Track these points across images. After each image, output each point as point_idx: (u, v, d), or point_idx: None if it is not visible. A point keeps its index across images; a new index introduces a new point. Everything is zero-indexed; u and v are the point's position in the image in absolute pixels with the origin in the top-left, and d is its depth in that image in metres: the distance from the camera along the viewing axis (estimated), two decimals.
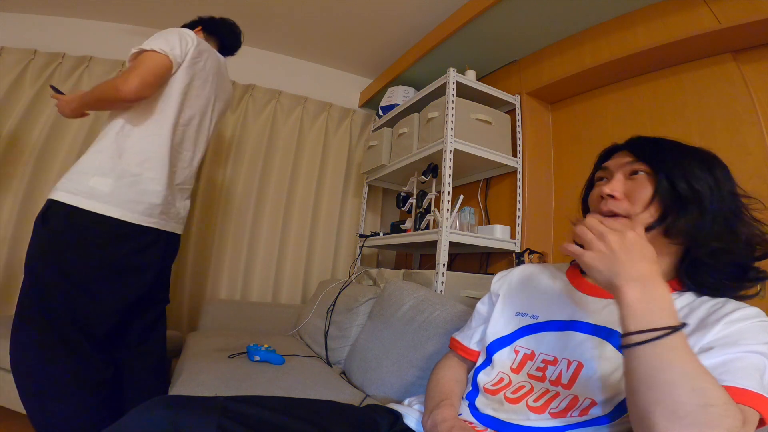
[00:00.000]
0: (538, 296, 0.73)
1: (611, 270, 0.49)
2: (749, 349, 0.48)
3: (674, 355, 0.43)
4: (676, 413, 0.41)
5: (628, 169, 0.64)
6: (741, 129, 1.30)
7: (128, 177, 1.13)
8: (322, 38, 2.38)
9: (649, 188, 0.60)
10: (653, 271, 0.48)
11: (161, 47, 1.17)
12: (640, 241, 0.49)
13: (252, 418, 0.57)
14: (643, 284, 0.47)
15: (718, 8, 1.28)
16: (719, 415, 0.41)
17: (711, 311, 0.55)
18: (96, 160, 1.13)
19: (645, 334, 0.45)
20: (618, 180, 0.63)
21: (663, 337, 0.44)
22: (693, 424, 0.41)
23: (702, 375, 0.43)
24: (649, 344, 0.44)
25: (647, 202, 0.60)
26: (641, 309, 0.46)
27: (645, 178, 0.61)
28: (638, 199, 0.60)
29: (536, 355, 0.66)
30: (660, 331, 0.44)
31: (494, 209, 2.02)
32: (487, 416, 0.65)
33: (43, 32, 2.14)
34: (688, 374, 0.42)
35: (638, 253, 0.48)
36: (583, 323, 0.64)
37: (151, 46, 1.16)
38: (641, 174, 0.62)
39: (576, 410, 0.57)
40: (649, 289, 0.47)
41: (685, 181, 0.58)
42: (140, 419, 0.53)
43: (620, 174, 0.64)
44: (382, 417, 0.71)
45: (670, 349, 0.44)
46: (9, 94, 1.97)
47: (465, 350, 0.80)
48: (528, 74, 1.96)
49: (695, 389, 0.42)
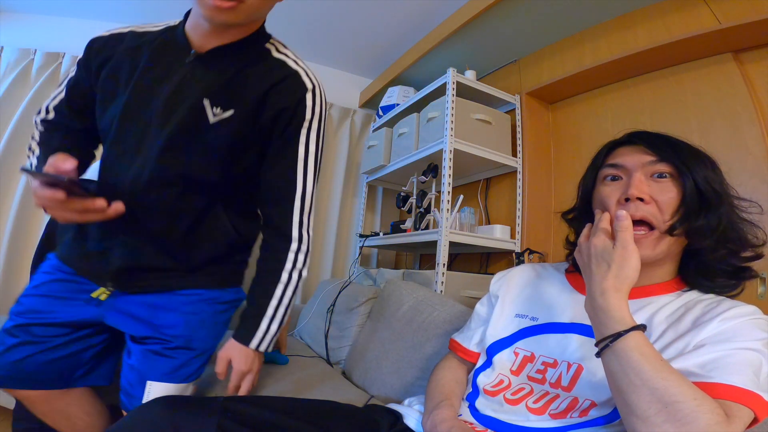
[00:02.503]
0: (537, 298, 0.73)
1: (585, 280, 0.55)
2: (742, 346, 0.48)
3: (628, 358, 0.45)
4: (644, 414, 0.43)
5: (651, 169, 0.60)
6: (741, 129, 1.30)
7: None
8: (322, 38, 2.38)
9: (675, 192, 0.58)
10: (613, 282, 0.51)
11: None
12: (615, 252, 0.52)
13: (252, 419, 0.57)
14: (602, 295, 0.51)
15: (718, 8, 1.28)
16: (691, 410, 0.41)
17: (706, 310, 0.55)
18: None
19: (600, 343, 0.49)
20: (641, 181, 0.59)
21: (611, 343, 0.47)
22: (667, 422, 0.41)
23: (661, 373, 0.43)
24: (606, 351, 0.48)
25: (675, 208, 0.57)
26: (595, 322, 0.51)
27: (670, 181, 0.58)
28: (666, 205, 0.57)
29: (536, 358, 0.66)
30: (607, 339, 0.48)
31: (494, 209, 2.02)
32: (488, 417, 0.65)
33: (43, 32, 2.14)
34: (645, 374, 0.44)
35: (603, 265, 0.52)
36: (583, 325, 0.63)
37: None
38: (666, 176, 0.59)
39: (576, 411, 0.57)
40: (603, 301, 0.50)
41: (706, 183, 0.57)
42: (140, 419, 0.53)
43: (641, 174, 0.60)
44: (383, 417, 0.71)
45: (624, 354, 0.46)
46: (9, 94, 1.97)
47: (464, 351, 0.80)
48: (528, 74, 1.96)
49: (657, 388, 0.43)
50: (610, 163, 0.64)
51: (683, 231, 0.57)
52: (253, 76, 0.71)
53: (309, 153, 0.73)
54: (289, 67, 0.73)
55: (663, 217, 0.57)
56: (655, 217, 0.57)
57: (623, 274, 0.51)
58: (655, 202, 0.58)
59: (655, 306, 0.59)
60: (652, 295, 0.61)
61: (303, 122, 0.72)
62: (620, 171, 0.62)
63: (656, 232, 0.57)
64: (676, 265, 0.62)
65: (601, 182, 0.65)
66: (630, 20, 1.54)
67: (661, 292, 0.60)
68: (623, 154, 0.63)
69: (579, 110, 1.85)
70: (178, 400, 0.56)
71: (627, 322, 0.48)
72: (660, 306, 0.59)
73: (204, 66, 0.70)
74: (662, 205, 0.57)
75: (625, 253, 0.51)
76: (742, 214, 0.59)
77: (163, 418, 0.52)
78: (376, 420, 0.69)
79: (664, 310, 0.58)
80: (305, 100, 0.72)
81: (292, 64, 0.74)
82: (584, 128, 1.81)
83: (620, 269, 0.51)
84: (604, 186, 0.64)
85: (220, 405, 0.56)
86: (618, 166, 0.63)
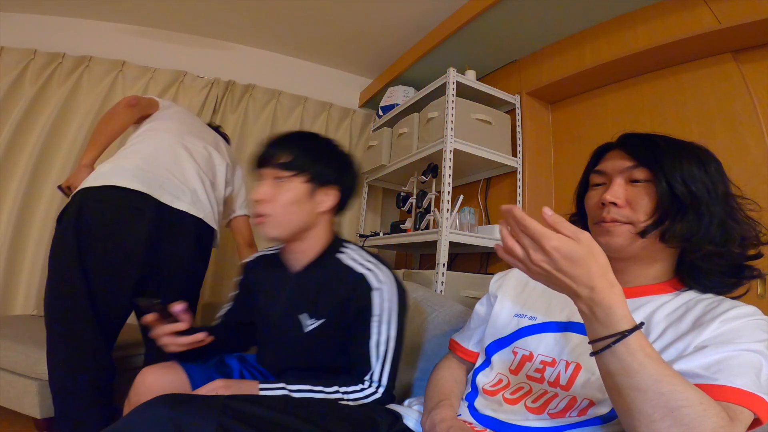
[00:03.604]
0: (536, 297, 0.73)
1: (556, 288, 0.47)
2: (744, 347, 0.48)
3: (632, 361, 0.43)
4: (650, 418, 0.42)
5: (628, 174, 0.62)
6: (741, 129, 1.30)
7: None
8: (323, 38, 2.38)
9: (651, 195, 0.59)
10: (603, 279, 0.44)
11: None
12: (580, 250, 0.44)
13: (252, 417, 0.57)
14: (593, 292, 0.44)
15: (718, 8, 1.28)
16: (698, 415, 0.40)
17: (706, 310, 0.54)
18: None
19: (598, 342, 0.45)
20: (618, 185, 0.61)
21: (614, 344, 0.43)
22: (673, 426, 0.41)
23: (667, 377, 0.42)
24: (606, 352, 0.44)
25: (651, 210, 0.59)
26: (590, 319, 0.46)
27: (645, 185, 0.60)
28: (641, 207, 0.59)
29: (535, 357, 0.66)
30: (609, 339, 0.43)
31: (494, 209, 2.02)
32: (487, 417, 0.65)
33: (43, 32, 2.15)
34: (650, 378, 0.42)
35: (587, 260, 0.44)
36: (581, 324, 0.63)
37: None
38: (641, 181, 0.60)
39: (574, 410, 0.57)
40: (599, 299, 0.44)
41: (683, 184, 0.57)
42: (141, 417, 0.53)
43: (620, 179, 0.62)
44: (382, 417, 0.71)
45: (628, 356, 0.43)
46: (9, 94, 1.97)
47: (464, 351, 0.80)
48: (528, 74, 1.96)
49: (663, 393, 0.41)
50: (596, 169, 0.67)
51: (658, 234, 0.58)
52: (332, 288, 0.85)
53: (380, 340, 0.81)
54: (357, 272, 0.84)
55: (637, 216, 0.59)
56: (628, 218, 0.60)
57: (602, 261, 0.45)
58: (630, 205, 0.60)
59: (654, 305, 0.59)
60: (648, 295, 0.60)
61: (372, 317, 0.81)
62: (603, 177, 0.65)
63: (630, 226, 0.59)
64: (671, 265, 0.62)
65: (591, 188, 0.68)
66: (630, 20, 1.54)
67: (658, 292, 0.60)
68: (608, 160, 0.66)
69: (579, 110, 1.85)
70: (179, 399, 0.56)
71: (630, 320, 0.44)
72: (659, 305, 0.59)
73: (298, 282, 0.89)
74: (637, 208, 0.59)
75: (586, 241, 0.45)
76: (739, 213, 0.59)
77: (164, 416, 0.52)
78: (375, 420, 0.69)
79: (663, 309, 0.58)
80: (373, 298, 0.82)
81: (359, 268, 0.85)
82: (584, 128, 1.81)
83: (596, 258, 0.44)
84: (590, 191, 0.67)
85: (220, 403, 0.56)
86: (602, 172, 0.66)
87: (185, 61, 2.33)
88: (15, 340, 1.33)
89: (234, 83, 2.37)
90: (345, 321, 0.83)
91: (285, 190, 0.82)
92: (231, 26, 2.34)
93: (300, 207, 0.83)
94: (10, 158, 1.94)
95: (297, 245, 0.88)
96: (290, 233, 0.85)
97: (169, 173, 1.26)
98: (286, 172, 0.82)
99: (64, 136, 2.03)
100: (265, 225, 0.82)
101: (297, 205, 0.83)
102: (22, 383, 1.28)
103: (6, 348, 1.30)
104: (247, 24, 2.30)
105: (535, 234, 0.44)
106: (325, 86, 2.67)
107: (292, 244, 0.88)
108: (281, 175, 0.83)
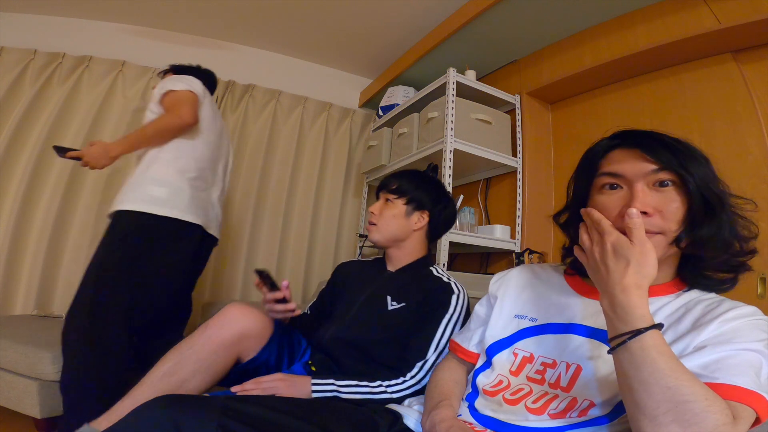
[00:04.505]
0: (536, 298, 0.73)
1: (596, 275, 0.52)
2: (743, 347, 0.48)
3: (644, 356, 0.44)
4: (654, 412, 0.42)
5: (653, 178, 0.56)
6: (741, 129, 1.30)
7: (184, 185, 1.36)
8: (323, 38, 2.38)
9: (680, 201, 0.56)
10: (636, 279, 0.48)
11: (187, 87, 1.38)
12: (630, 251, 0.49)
13: (252, 417, 0.57)
14: (623, 291, 0.48)
15: (718, 8, 1.28)
16: (701, 410, 0.41)
17: (706, 311, 0.55)
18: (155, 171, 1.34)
19: (615, 339, 0.48)
20: (644, 192, 0.56)
21: (629, 340, 0.46)
22: (675, 422, 0.41)
23: (675, 373, 0.43)
24: (621, 349, 0.47)
25: (681, 218, 0.55)
26: (611, 317, 0.49)
27: (674, 189, 0.56)
28: (672, 215, 0.55)
29: (535, 358, 0.66)
30: (625, 336, 0.46)
31: (494, 209, 2.02)
32: (487, 417, 0.65)
33: (43, 32, 2.14)
34: (659, 373, 0.43)
35: (624, 259, 0.49)
36: (582, 326, 0.64)
37: (178, 87, 1.37)
38: (668, 184, 0.56)
39: (575, 411, 0.57)
40: (624, 298, 0.48)
41: (708, 188, 0.55)
42: (141, 418, 0.53)
43: (642, 184, 0.56)
44: (382, 417, 0.71)
45: (640, 351, 0.45)
46: (9, 94, 1.97)
47: (464, 352, 0.80)
48: (528, 74, 1.96)
49: (669, 387, 0.42)
50: (607, 171, 0.60)
51: (689, 241, 0.56)
52: (419, 285, 1.03)
53: (443, 336, 0.94)
54: (443, 281, 1.03)
55: (668, 225, 0.55)
56: (660, 228, 0.55)
57: (644, 271, 0.48)
58: (659, 213, 0.55)
59: (654, 307, 0.59)
60: (651, 297, 0.60)
61: (446, 314, 0.96)
62: (619, 180, 0.59)
63: (662, 236, 0.56)
64: (674, 267, 0.62)
65: (598, 191, 0.61)
66: (630, 20, 1.54)
67: (660, 294, 0.60)
68: (621, 161, 0.59)
69: (579, 110, 1.85)
70: (179, 399, 0.56)
71: (648, 320, 0.46)
72: (659, 307, 0.59)
73: (391, 276, 1.10)
74: (667, 215, 0.55)
75: (644, 249, 0.49)
76: (738, 212, 0.59)
77: (165, 416, 0.52)
78: (375, 420, 0.70)
79: (663, 311, 0.58)
80: (451, 299, 0.98)
81: (445, 278, 1.04)
82: (584, 128, 1.81)
83: (641, 266, 0.48)
84: (601, 195, 0.60)
85: (220, 404, 0.56)
86: (617, 175, 0.59)
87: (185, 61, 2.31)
88: (16, 340, 1.33)
89: (234, 83, 2.37)
90: (422, 311, 0.98)
91: (389, 207, 1.09)
92: (231, 26, 2.34)
93: (398, 221, 1.08)
94: (10, 158, 1.94)
95: (394, 251, 1.11)
96: (388, 239, 1.08)
97: (209, 201, 1.46)
98: (392, 195, 1.09)
99: (64, 136, 2.03)
100: (372, 230, 1.09)
101: (395, 219, 1.07)
102: (22, 383, 1.28)
103: (6, 348, 1.30)
104: (247, 24, 2.30)
105: (603, 229, 0.52)
106: (325, 86, 2.67)
107: (391, 250, 1.11)
108: (389, 197, 1.10)
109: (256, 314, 0.97)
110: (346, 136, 2.64)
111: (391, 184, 1.12)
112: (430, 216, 1.10)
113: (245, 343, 0.93)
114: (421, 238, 1.11)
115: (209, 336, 0.90)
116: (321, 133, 2.56)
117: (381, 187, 1.15)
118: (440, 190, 1.15)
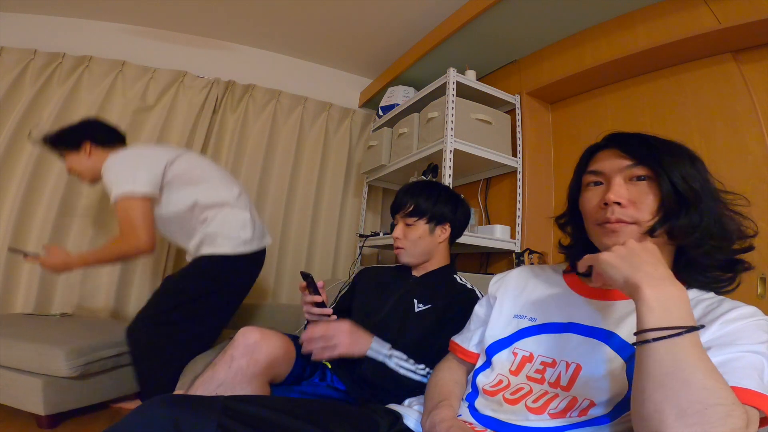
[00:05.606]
0: (535, 298, 0.73)
1: (631, 266, 0.50)
2: (747, 349, 0.48)
3: (688, 354, 0.44)
4: (685, 411, 0.41)
5: (629, 173, 0.61)
6: (741, 129, 1.30)
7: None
8: (323, 38, 2.38)
9: (654, 194, 0.59)
10: (670, 274, 0.50)
11: (131, 190, 1.34)
12: (654, 248, 0.52)
13: (252, 417, 0.57)
14: (663, 284, 0.48)
15: (718, 8, 1.28)
16: (724, 414, 0.41)
17: (707, 311, 0.55)
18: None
19: (663, 331, 0.45)
20: (619, 185, 0.61)
21: (679, 335, 0.45)
22: (698, 423, 0.41)
23: (714, 374, 0.43)
24: (665, 341, 0.45)
25: (655, 209, 0.59)
26: (660, 307, 0.47)
27: (647, 183, 0.60)
28: (645, 206, 0.59)
29: (535, 357, 0.66)
30: (677, 329, 0.45)
31: (494, 209, 2.02)
32: (487, 417, 0.65)
33: (43, 32, 2.14)
34: (700, 373, 0.43)
35: (655, 257, 0.51)
36: (581, 325, 0.64)
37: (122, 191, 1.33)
38: (644, 179, 0.60)
39: (575, 411, 0.57)
40: (669, 289, 0.48)
41: (683, 181, 0.58)
42: (141, 418, 0.53)
43: (619, 178, 0.62)
44: (382, 417, 0.71)
45: (685, 348, 0.44)
46: (9, 94, 1.97)
47: (464, 352, 0.80)
48: (528, 74, 1.96)
49: (707, 388, 0.42)
50: (591, 169, 0.66)
51: (664, 231, 0.58)
52: (444, 289, 1.08)
53: None
54: (468, 287, 1.09)
55: (642, 215, 0.59)
56: (633, 218, 0.59)
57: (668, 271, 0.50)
58: (634, 205, 0.60)
59: None
60: None
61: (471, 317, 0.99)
62: (600, 177, 0.65)
63: (636, 226, 0.59)
64: (668, 263, 0.62)
65: (585, 188, 0.67)
66: (630, 20, 1.54)
67: None
68: (602, 159, 0.65)
69: (579, 110, 1.85)
70: (179, 399, 0.56)
71: (693, 317, 0.47)
72: None
73: (417, 282, 1.13)
74: (641, 207, 0.59)
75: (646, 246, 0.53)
76: (729, 208, 0.60)
77: (164, 416, 0.52)
78: (375, 420, 0.69)
79: None
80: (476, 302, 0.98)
81: (469, 285, 1.10)
82: (584, 128, 1.81)
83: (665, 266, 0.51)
84: (586, 191, 0.67)
85: (220, 404, 0.56)
86: (597, 172, 0.65)
87: (185, 61, 2.33)
88: (21, 338, 1.33)
89: (234, 83, 2.37)
90: (448, 314, 1.02)
91: (412, 230, 1.10)
92: (231, 26, 2.34)
93: (424, 241, 1.10)
94: (10, 158, 1.94)
95: (422, 263, 1.14)
96: (419, 258, 1.12)
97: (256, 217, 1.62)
98: (412, 219, 1.10)
99: None
100: (401, 254, 1.12)
101: (422, 240, 1.10)
102: (25, 381, 1.28)
103: (9, 346, 1.30)
104: (247, 24, 2.30)
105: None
106: (325, 86, 2.67)
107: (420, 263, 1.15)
108: (409, 222, 1.10)
109: (278, 337, 0.94)
110: (346, 136, 2.64)
111: (406, 206, 1.11)
112: (452, 226, 1.13)
113: (275, 370, 0.93)
114: (445, 246, 1.15)
115: (236, 370, 0.86)
116: (321, 133, 2.56)
117: (396, 208, 1.15)
118: (452, 196, 1.16)
